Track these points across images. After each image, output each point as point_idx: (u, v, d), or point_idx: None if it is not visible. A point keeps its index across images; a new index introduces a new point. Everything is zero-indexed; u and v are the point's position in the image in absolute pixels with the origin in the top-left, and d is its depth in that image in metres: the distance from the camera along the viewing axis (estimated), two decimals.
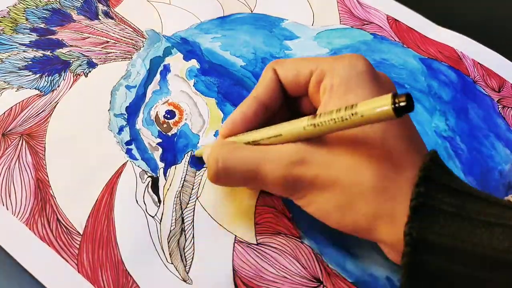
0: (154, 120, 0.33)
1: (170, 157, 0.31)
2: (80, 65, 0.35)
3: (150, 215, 0.29)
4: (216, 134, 0.32)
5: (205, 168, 0.31)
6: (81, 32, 0.37)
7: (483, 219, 0.20)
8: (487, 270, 0.20)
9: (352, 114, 0.20)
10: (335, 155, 0.23)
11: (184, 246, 0.28)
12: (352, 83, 0.24)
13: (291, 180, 0.23)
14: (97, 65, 0.35)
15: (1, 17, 0.37)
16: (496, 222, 0.20)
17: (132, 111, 0.33)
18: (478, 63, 0.38)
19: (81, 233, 0.28)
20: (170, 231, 0.28)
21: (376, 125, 0.22)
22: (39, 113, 0.32)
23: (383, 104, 0.19)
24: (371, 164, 0.22)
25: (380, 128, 0.23)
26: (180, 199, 0.29)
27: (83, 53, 0.36)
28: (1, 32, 0.36)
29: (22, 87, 0.33)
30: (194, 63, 0.36)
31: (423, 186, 0.21)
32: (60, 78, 0.34)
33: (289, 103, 0.28)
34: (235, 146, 0.26)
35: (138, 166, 0.30)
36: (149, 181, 0.30)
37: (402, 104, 0.19)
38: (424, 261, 0.20)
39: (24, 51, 0.35)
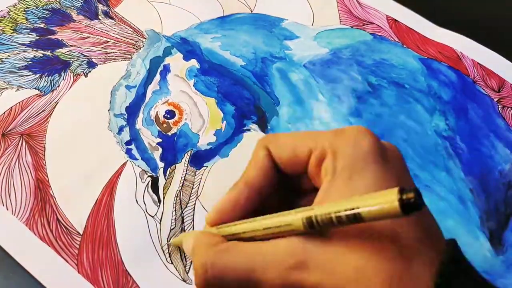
0: (154, 120, 0.33)
1: (170, 156, 0.31)
2: (80, 65, 0.35)
3: (150, 215, 0.29)
4: (216, 134, 0.32)
5: (205, 167, 0.31)
6: (81, 32, 0.37)
7: None
8: None
9: (355, 217, 0.18)
10: (339, 254, 0.20)
11: None
12: (357, 166, 0.21)
13: (289, 286, 0.20)
14: (97, 65, 0.35)
15: (1, 17, 0.37)
16: None
17: (132, 111, 0.33)
18: (478, 63, 0.38)
19: (81, 233, 0.28)
20: (170, 230, 0.28)
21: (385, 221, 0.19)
22: (39, 113, 0.32)
23: (389, 205, 0.17)
24: (379, 266, 0.19)
25: (388, 225, 0.19)
26: (180, 199, 0.29)
27: (83, 53, 0.36)
28: (1, 32, 0.36)
29: (22, 87, 0.33)
30: (194, 63, 0.36)
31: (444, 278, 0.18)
32: (60, 78, 0.34)
33: (286, 180, 0.25)
34: (224, 248, 0.22)
35: (138, 166, 0.30)
36: (149, 181, 0.30)
37: (410, 199, 0.16)
38: None
39: (24, 51, 0.35)
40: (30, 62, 0.35)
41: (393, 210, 0.17)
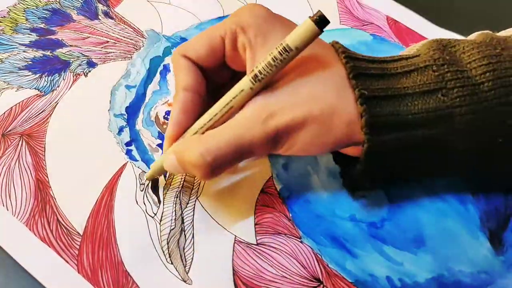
0: (154, 120, 0.33)
1: None
2: (80, 65, 0.35)
3: (150, 215, 0.29)
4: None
5: None
6: (81, 32, 0.37)
7: (401, 70, 0.25)
8: (418, 104, 0.24)
9: (285, 49, 0.23)
10: (293, 93, 0.24)
11: (184, 246, 0.28)
12: (266, 31, 0.25)
13: (272, 134, 0.24)
14: (97, 65, 0.35)
15: (1, 17, 0.37)
16: (410, 70, 0.25)
17: (132, 111, 0.33)
18: None
19: (81, 234, 0.28)
20: (170, 231, 0.28)
21: (305, 50, 0.24)
22: (39, 113, 0.32)
23: (306, 26, 0.23)
24: (323, 84, 0.24)
25: (308, 51, 0.24)
26: (180, 199, 0.29)
27: (83, 53, 0.36)
28: (1, 32, 0.36)
29: (22, 87, 0.33)
30: None
31: (350, 61, 0.25)
32: (60, 78, 0.34)
33: (209, 81, 0.28)
34: (207, 135, 0.25)
35: (138, 167, 0.30)
36: (149, 182, 0.30)
37: (319, 16, 0.22)
38: (377, 113, 0.24)
39: (24, 51, 0.35)
40: (30, 62, 0.35)
41: (311, 30, 0.23)
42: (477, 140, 0.25)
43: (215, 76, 0.28)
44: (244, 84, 0.25)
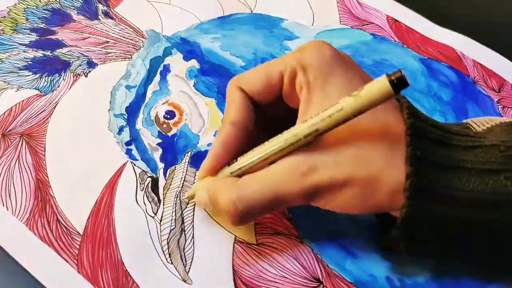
0: (154, 120, 0.33)
1: (170, 157, 0.31)
2: (80, 65, 0.35)
3: (150, 215, 0.29)
4: (215, 134, 0.32)
5: None
6: (81, 32, 0.37)
7: (463, 144, 0.23)
8: (475, 182, 0.22)
9: (345, 105, 0.21)
10: (338, 152, 0.23)
11: (184, 246, 0.28)
12: (327, 74, 0.24)
13: (309, 190, 0.23)
14: (97, 65, 0.35)
15: (1, 17, 0.37)
16: (473, 145, 0.23)
17: (132, 111, 0.33)
18: (478, 63, 0.38)
19: (81, 234, 0.28)
20: (170, 231, 0.28)
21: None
22: (39, 113, 0.32)
23: (382, 84, 0.20)
24: (374, 148, 0.23)
25: (370, 113, 0.23)
26: (180, 199, 0.29)
27: (83, 53, 0.36)
28: (1, 32, 0.36)
29: (22, 87, 0.33)
30: (194, 63, 0.36)
31: (412, 118, 0.23)
32: (60, 78, 0.34)
33: (263, 115, 0.27)
34: (243, 182, 0.24)
35: (138, 166, 0.30)
36: (149, 182, 0.30)
37: (398, 78, 0.20)
38: (427, 181, 0.22)
39: (24, 51, 0.35)
40: (30, 62, 0.35)
41: (386, 91, 0.20)
42: None
43: (270, 109, 0.27)
44: (294, 130, 0.23)
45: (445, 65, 0.37)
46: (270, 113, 0.27)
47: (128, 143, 0.31)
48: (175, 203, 0.29)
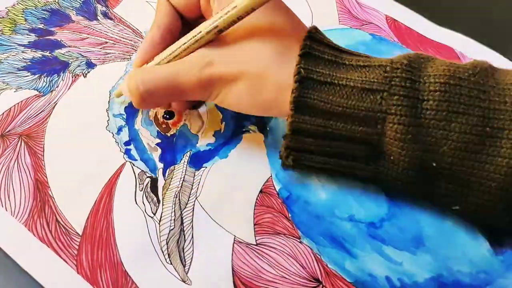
0: (153, 120, 0.33)
1: (169, 157, 0.31)
2: (79, 66, 0.35)
3: (149, 215, 0.29)
4: (215, 134, 0.32)
5: (204, 168, 0.31)
6: (80, 32, 0.37)
7: (354, 63, 0.25)
8: (353, 99, 0.24)
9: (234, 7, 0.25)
10: (235, 49, 0.26)
11: (183, 247, 0.28)
12: None
13: (204, 82, 0.26)
14: (96, 65, 0.35)
15: (0, 17, 0.37)
16: (363, 65, 0.25)
17: (131, 111, 0.33)
18: None
19: (80, 234, 0.28)
20: (169, 231, 0.28)
21: (262, 16, 0.26)
22: (38, 114, 0.32)
23: None
24: (266, 47, 0.26)
25: (267, 18, 0.26)
26: (179, 199, 0.29)
27: (82, 54, 0.36)
28: (0, 32, 0.36)
29: (21, 88, 0.33)
30: None
31: (308, 40, 0.25)
32: (59, 79, 0.34)
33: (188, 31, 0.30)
34: (149, 67, 0.28)
35: (137, 166, 0.30)
36: (148, 182, 0.30)
37: None
38: (308, 94, 0.24)
39: (23, 52, 0.35)
40: (29, 63, 0.35)
41: None
42: (409, 154, 0.24)
43: (194, 26, 0.29)
44: (198, 31, 0.26)
45: None
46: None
47: (127, 143, 0.31)
48: (175, 203, 0.29)
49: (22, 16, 0.38)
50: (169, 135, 0.32)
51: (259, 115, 0.31)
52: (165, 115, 0.33)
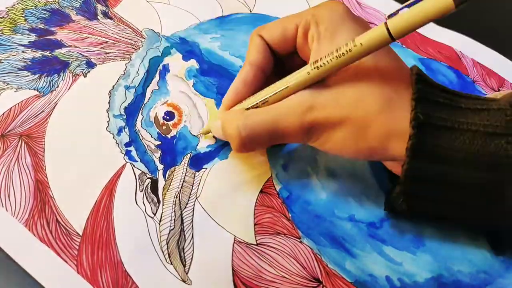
0: (153, 121, 0.33)
1: (170, 159, 0.31)
2: (79, 65, 0.35)
3: (149, 215, 0.29)
4: (215, 136, 0.32)
5: (204, 169, 0.31)
6: (80, 32, 0.37)
7: (472, 107, 0.24)
8: (477, 144, 0.23)
9: (354, 46, 0.23)
10: (339, 93, 0.25)
11: (183, 247, 0.28)
12: (337, 27, 0.26)
13: (307, 127, 0.25)
14: (96, 65, 0.35)
15: (0, 17, 0.37)
16: (481, 108, 0.23)
17: (131, 112, 0.33)
18: (478, 63, 0.38)
19: (81, 234, 0.28)
20: (170, 231, 0.28)
21: (368, 57, 0.24)
22: (38, 114, 0.32)
23: (379, 29, 0.22)
24: (373, 92, 0.24)
25: (371, 59, 0.24)
26: (179, 199, 0.29)
27: (82, 53, 0.36)
28: (0, 32, 0.36)
29: (21, 88, 0.33)
30: (193, 63, 0.36)
31: (420, 84, 0.24)
32: (59, 79, 0.34)
33: (278, 67, 0.30)
34: (250, 112, 0.27)
35: (137, 168, 0.30)
36: (148, 182, 0.30)
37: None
38: (428, 143, 0.23)
39: (23, 52, 0.35)
40: (29, 63, 0.35)
41: (382, 34, 0.22)
42: None
43: (287, 62, 0.30)
44: (304, 71, 0.25)
45: (445, 65, 0.37)
46: (287, 66, 0.29)
47: (127, 144, 0.31)
48: (175, 203, 0.29)
49: (22, 16, 0.38)
50: (169, 136, 0.32)
51: (360, 160, 0.29)
52: (165, 116, 0.33)
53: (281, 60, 0.30)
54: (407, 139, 0.23)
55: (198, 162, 0.31)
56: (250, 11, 0.40)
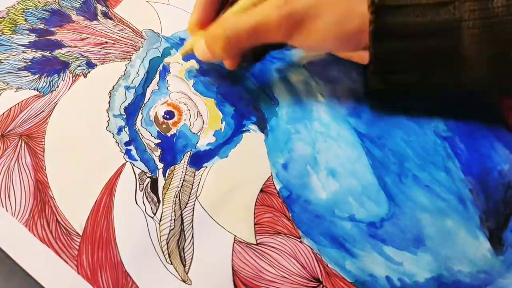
0: (153, 120, 0.33)
1: (170, 157, 0.31)
2: (79, 66, 0.35)
3: (149, 215, 0.29)
4: (215, 134, 0.32)
5: (204, 168, 0.31)
6: (80, 32, 0.37)
7: (422, 1, 0.25)
8: (428, 15, 0.25)
9: None
10: None
11: (183, 247, 0.28)
12: None
13: (286, 19, 0.27)
14: (96, 65, 0.35)
15: (0, 17, 0.37)
16: None
17: (131, 111, 0.33)
18: None
19: (81, 234, 0.28)
20: (170, 231, 0.28)
21: None
22: (38, 114, 0.32)
23: None
24: None
25: None
26: (179, 199, 0.29)
27: (82, 54, 0.36)
28: (0, 32, 0.36)
29: (21, 88, 0.33)
30: (193, 63, 0.36)
31: None
32: (59, 79, 0.34)
33: None
34: (231, 16, 0.29)
35: (137, 167, 0.30)
36: (148, 182, 0.30)
37: None
38: (387, 23, 0.25)
39: (23, 52, 0.35)
40: (29, 63, 0.35)
41: None
42: (487, 56, 0.25)
43: None
44: None
45: None
46: None
47: (127, 144, 0.31)
48: (175, 203, 0.29)
49: (22, 16, 0.38)
50: (169, 135, 0.32)
51: (334, 51, 0.32)
52: (165, 115, 0.33)
53: None
54: None
55: (198, 160, 0.31)
56: None
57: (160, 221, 0.28)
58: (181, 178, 0.30)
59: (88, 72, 0.35)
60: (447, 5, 0.25)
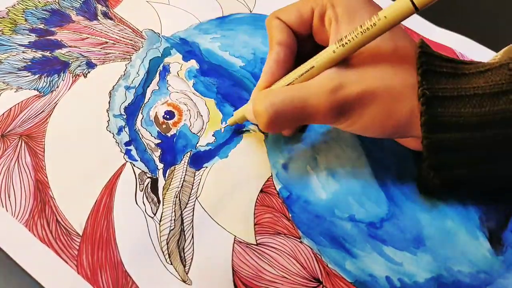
0: (153, 120, 0.33)
1: (170, 157, 0.31)
2: (79, 66, 0.35)
3: (149, 215, 0.29)
4: (215, 134, 0.32)
5: (204, 168, 0.31)
6: (80, 32, 0.37)
7: (474, 71, 0.24)
8: (486, 105, 0.23)
9: (378, 20, 0.23)
10: (365, 70, 0.25)
11: (183, 247, 0.28)
12: (354, 9, 0.26)
13: (336, 106, 0.25)
14: (96, 65, 0.35)
15: (0, 17, 0.37)
16: (484, 70, 0.24)
17: (131, 111, 0.33)
18: None
19: (81, 234, 0.28)
20: (170, 231, 0.28)
21: (385, 37, 0.24)
22: (38, 114, 0.32)
23: (401, 2, 0.22)
24: (396, 68, 0.25)
25: (388, 38, 0.25)
26: (179, 199, 0.29)
27: (82, 54, 0.36)
28: (0, 33, 0.36)
29: (21, 88, 0.33)
30: (193, 63, 0.36)
31: (423, 57, 0.24)
32: (59, 79, 0.34)
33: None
34: (278, 90, 0.27)
35: (137, 167, 0.30)
36: (148, 182, 0.30)
37: None
38: (439, 115, 0.24)
39: (23, 52, 0.35)
40: (29, 63, 0.35)
41: (405, 6, 0.22)
42: None
43: (301, 46, 0.29)
44: (329, 50, 0.25)
45: None
46: (301, 50, 0.29)
47: (127, 144, 0.31)
48: (175, 203, 0.29)
49: (22, 16, 0.38)
50: (169, 135, 0.32)
51: (381, 136, 0.29)
52: (165, 115, 0.33)
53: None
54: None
55: (198, 160, 0.31)
56: (250, 11, 0.40)
57: (160, 221, 0.28)
58: (181, 178, 0.30)
59: (88, 72, 0.35)
60: (506, 94, 0.23)
